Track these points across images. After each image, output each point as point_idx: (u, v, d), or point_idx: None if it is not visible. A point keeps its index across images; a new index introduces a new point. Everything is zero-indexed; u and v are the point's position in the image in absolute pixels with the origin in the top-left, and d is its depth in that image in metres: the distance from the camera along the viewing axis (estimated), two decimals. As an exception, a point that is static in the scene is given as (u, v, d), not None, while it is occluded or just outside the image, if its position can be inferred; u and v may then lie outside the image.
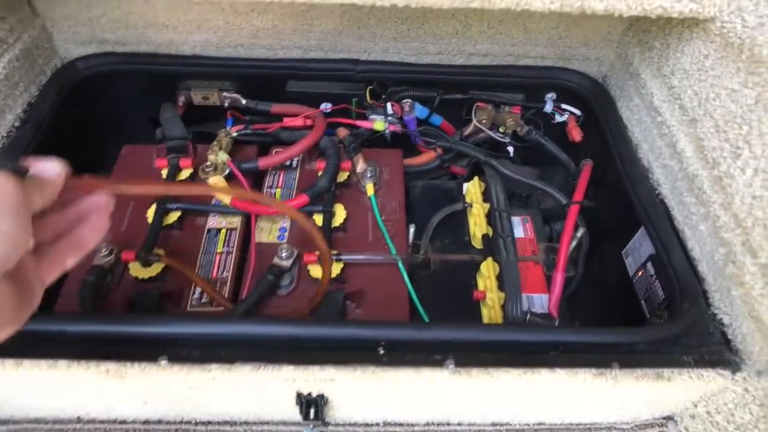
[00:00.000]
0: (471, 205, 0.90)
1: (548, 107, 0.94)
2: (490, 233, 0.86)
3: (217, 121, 0.95)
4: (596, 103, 0.87)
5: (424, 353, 0.55)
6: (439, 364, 0.55)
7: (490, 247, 0.84)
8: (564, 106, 0.94)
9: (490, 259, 0.82)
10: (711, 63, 0.65)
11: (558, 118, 0.95)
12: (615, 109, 0.84)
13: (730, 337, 0.60)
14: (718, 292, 0.62)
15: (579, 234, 0.83)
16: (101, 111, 0.95)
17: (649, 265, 0.74)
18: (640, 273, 0.76)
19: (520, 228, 0.91)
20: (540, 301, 0.83)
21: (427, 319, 0.72)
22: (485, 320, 0.79)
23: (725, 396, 0.59)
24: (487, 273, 0.81)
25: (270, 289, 0.69)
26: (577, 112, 0.94)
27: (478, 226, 0.87)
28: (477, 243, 0.88)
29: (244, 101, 0.92)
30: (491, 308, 0.79)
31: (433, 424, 0.70)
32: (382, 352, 0.55)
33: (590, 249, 0.85)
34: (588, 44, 0.87)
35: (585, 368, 0.55)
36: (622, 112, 0.83)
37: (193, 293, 0.70)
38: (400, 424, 0.70)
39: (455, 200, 0.95)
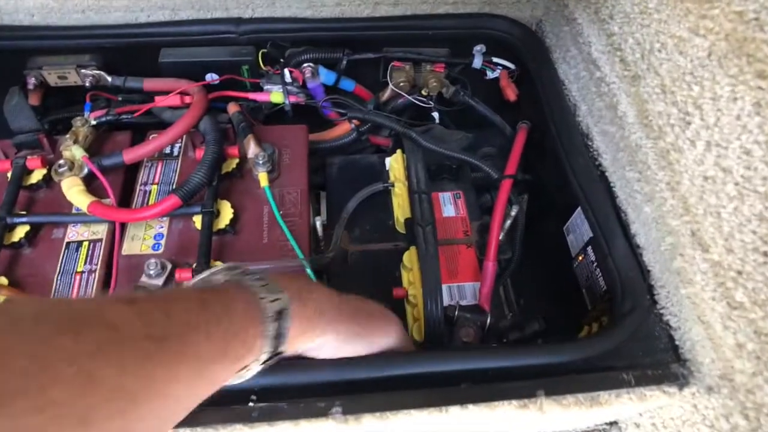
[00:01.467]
0: (393, 185, 0.78)
1: (477, 62, 0.80)
2: (415, 216, 0.74)
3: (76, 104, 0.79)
4: (529, 55, 0.73)
5: (304, 401, 0.44)
6: (323, 413, 0.44)
7: (413, 232, 0.73)
8: (495, 59, 0.80)
9: (413, 249, 0.70)
10: (656, 4, 0.52)
11: (490, 74, 0.82)
12: (550, 63, 0.71)
13: (677, 342, 0.50)
14: (664, 287, 0.52)
15: (513, 213, 0.72)
16: None
17: (589, 249, 0.63)
18: (580, 258, 0.66)
19: (451, 206, 0.79)
20: (472, 290, 0.72)
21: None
22: (409, 320, 0.68)
23: (671, 411, 0.50)
24: (410, 264, 0.70)
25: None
26: (511, 66, 0.80)
27: (401, 208, 0.75)
28: (401, 227, 0.76)
29: (109, 78, 0.75)
30: (414, 306, 0.68)
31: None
32: (252, 404, 0.44)
33: (532, 221, 0.74)
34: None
35: (504, 401, 0.45)
36: (558, 65, 0.70)
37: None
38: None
39: (378, 177, 0.82)
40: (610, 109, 0.60)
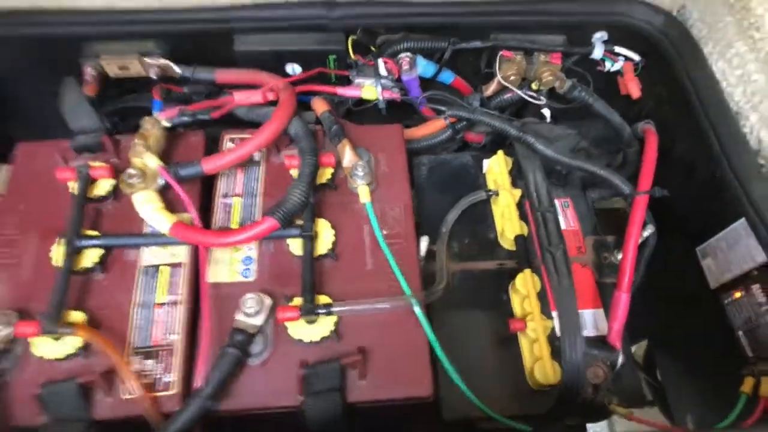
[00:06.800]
0: (497, 193, 0.68)
1: (598, 52, 0.69)
2: (525, 232, 0.65)
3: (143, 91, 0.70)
4: (672, 48, 0.62)
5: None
6: None
7: (527, 252, 0.64)
8: (618, 49, 0.69)
9: (528, 271, 0.62)
10: None
11: (609, 66, 0.71)
12: (703, 59, 0.60)
13: None
14: None
15: (647, 233, 0.62)
16: None
17: (755, 287, 0.54)
18: (737, 294, 0.57)
19: (561, 217, 0.69)
20: (592, 319, 0.64)
21: (459, 381, 0.52)
22: (526, 356, 0.60)
23: None
24: (525, 290, 0.61)
25: (233, 366, 0.49)
26: (636, 57, 0.69)
27: (508, 221, 0.66)
28: (507, 243, 0.67)
29: (177, 69, 0.65)
30: (533, 341, 0.60)
31: None
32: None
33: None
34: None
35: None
36: (712, 61, 0.59)
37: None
38: None
39: (473, 180, 0.73)
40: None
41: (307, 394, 0.49)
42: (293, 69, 0.68)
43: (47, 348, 0.50)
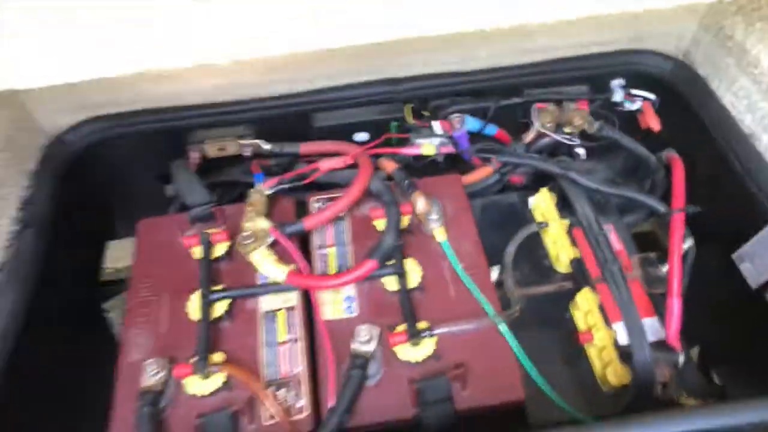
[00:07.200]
0: (547, 224, 0.78)
1: (618, 96, 0.81)
2: (578, 255, 0.75)
3: (232, 166, 0.82)
4: (684, 87, 0.73)
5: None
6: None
7: (583, 272, 0.73)
8: (634, 91, 0.81)
9: (586, 289, 0.71)
10: None
11: (628, 106, 0.82)
12: (711, 92, 0.71)
13: None
14: None
15: (686, 246, 0.71)
16: (101, 182, 0.82)
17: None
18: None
19: (607, 240, 0.79)
20: (649, 327, 0.71)
21: (547, 390, 0.61)
22: (595, 364, 0.68)
23: None
24: (587, 305, 0.70)
25: (359, 386, 0.58)
26: (652, 96, 0.81)
27: (561, 247, 0.76)
28: (562, 267, 0.76)
29: (266, 146, 0.78)
30: (601, 349, 0.68)
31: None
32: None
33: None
34: (665, 19, 0.73)
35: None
36: (720, 93, 0.70)
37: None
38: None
39: (520, 217, 0.83)
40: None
41: (421, 405, 0.58)
42: (360, 136, 0.80)
43: (198, 386, 0.59)
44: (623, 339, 0.66)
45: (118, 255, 0.89)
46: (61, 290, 0.73)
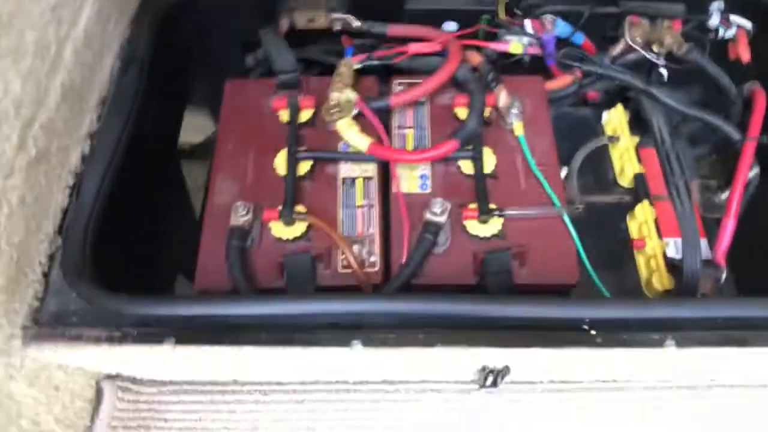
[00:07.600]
0: (618, 138, 0.80)
1: (714, 20, 0.79)
2: (642, 171, 0.77)
3: (316, 44, 0.84)
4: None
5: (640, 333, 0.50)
6: (659, 344, 0.49)
7: (644, 188, 0.76)
8: (732, 17, 0.80)
9: (645, 202, 0.74)
10: None
11: (722, 33, 0.81)
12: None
13: None
14: None
15: (752, 174, 0.73)
16: (188, 41, 0.84)
17: None
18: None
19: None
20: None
21: (596, 279, 0.66)
22: (642, 270, 0.73)
23: None
24: (643, 217, 0.74)
25: (429, 249, 0.63)
26: (748, 24, 0.79)
27: (628, 161, 0.78)
28: (625, 181, 0.79)
29: (356, 23, 0.79)
30: (650, 257, 0.72)
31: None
32: (594, 332, 0.50)
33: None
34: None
35: None
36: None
37: (342, 252, 0.64)
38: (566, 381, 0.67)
39: (592, 131, 0.85)
40: None
41: (482, 275, 0.63)
42: (449, 26, 0.80)
43: (282, 230, 0.65)
44: (672, 252, 0.70)
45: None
46: (151, 136, 0.78)
